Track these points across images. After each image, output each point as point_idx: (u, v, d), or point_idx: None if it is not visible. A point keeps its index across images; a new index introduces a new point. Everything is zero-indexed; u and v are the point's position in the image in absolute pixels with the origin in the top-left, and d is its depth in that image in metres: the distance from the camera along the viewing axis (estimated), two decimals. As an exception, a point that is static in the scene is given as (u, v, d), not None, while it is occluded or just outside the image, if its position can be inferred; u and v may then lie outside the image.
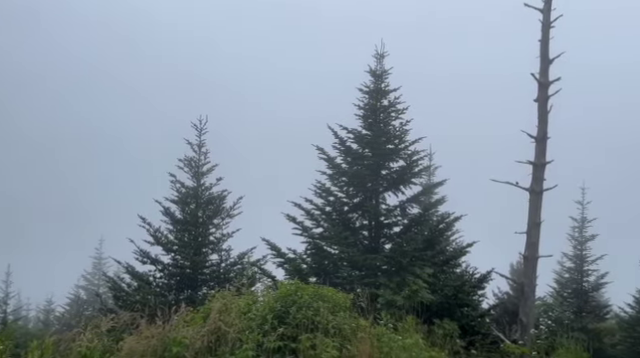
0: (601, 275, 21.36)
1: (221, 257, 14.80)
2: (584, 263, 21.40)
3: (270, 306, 8.11)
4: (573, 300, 21.15)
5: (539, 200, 12.65)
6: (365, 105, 14.72)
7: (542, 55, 12.80)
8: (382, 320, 8.75)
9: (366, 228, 14.44)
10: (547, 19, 12.77)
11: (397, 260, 13.03)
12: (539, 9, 12.83)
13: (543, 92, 12.73)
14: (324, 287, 8.72)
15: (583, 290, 21.14)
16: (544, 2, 12.85)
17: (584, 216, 21.86)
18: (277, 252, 14.00)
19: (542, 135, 12.73)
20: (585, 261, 21.39)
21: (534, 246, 12.58)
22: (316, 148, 14.57)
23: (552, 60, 12.73)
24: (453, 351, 9.88)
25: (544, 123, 12.73)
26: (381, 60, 14.70)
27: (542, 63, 12.78)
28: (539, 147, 12.72)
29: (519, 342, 11.04)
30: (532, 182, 12.69)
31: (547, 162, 12.74)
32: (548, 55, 12.77)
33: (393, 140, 14.41)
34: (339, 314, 7.98)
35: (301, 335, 7.60)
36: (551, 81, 12.71)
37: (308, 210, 14.37)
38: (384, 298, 12.04)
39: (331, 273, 13.44)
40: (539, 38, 12.83)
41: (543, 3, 12.83)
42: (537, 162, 12.70)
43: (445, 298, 13.19)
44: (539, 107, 12.79)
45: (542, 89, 12.74)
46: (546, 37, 12.79)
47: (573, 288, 21.43)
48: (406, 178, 14.36)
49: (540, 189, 12.64)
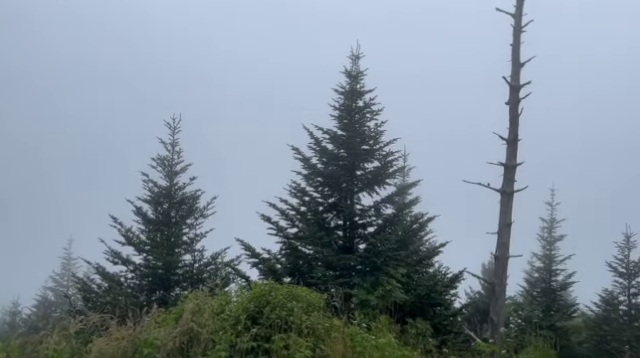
0: (569, 274, 21.90)
1: (194, 257, 14.67)
2: (553, 263, 21.92)
3: (244, 306, 8.06)
4: (542, 299, 21.62)
5: (510, 201, 12.89)
6: (341, 106, 14.79)
7: (513, 59, 13.05)
8: (356, 320, 8.78)
9: (341, 228, 14.49)
10: (518, 24, 13.03)
11: (371, 260, 13.11)
12: (511, 14, 13.09)
13: (514, 95, 12.98)
14: (298, 287, 8.71)
15: (551, 289, 21.64)
16: (515, 7, 13.12)
17: (553, 217, 22.40)
18: (251, 252, 13.93)
19: (513, 137, 12.97)
20: (554, 261, 21.91)
21: (505, 246, 12.81)
22: (291, 148, 14.57)
23: (523, 64, 12.99)
24: (425, 350, 9.99)
25: (515, 125, 12.98)
26: (356, 61, 14.79)
27: (513, 67, 13.03)
28: (510, 149, 12.97)
29: (489, 341, 11.23)
30: (503, 183, 12.92)
31: (518, 164, 12.99)
32: (519, 59, 13.03)
33: (368, 141, 14.51)
34: (313, 314, 7.98)
35: (274, 335, 7.58)
36: (522, 84, 12.97)
37: (283, 210, 14.35)
38: (358, 298, 12.11)
39: (305, 273, 13.44)
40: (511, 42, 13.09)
41: (515, 8, 13.10)
42: (508, 164, 12.93)
43: (418, 298, 13.35)
44: (510, 110, 13.03)
45: (513, 92, 12.99)
46: (517, 41, 13.05)
47: (542, 287, 21.91)
48: (381, 179, 14.47)
49: (511, 190, 12.88)
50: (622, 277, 19.51)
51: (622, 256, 19.70)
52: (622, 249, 19.73)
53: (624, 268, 19.51)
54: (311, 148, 14.69)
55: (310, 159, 14.63)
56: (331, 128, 14.69)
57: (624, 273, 19.48)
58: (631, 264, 19.39)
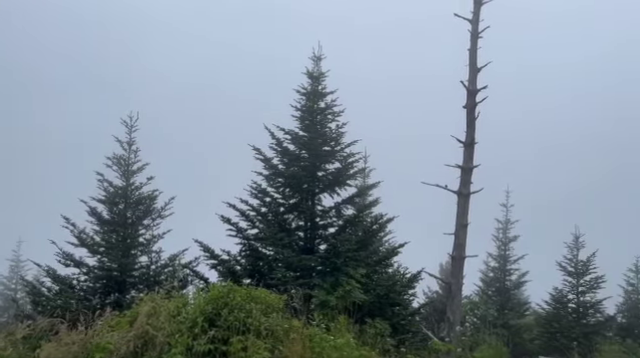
0: (522, 274, 22.68)
1: (151, 259, 14.33)
2: (507, 263, 22.63)
3: (201, 309, 7.93)
4: (496, 298, 22.28)
5: (466, 203, 13.18)
6: (302, 106, 14.79)
7: (471, 64, 13.37)
8: (315, 320, 8.78)
9: (302, 229, 14.47)
10: (475, 29, 13.37)
11: (331, 261, 13.15)
12: (468, 19, 13.42)
13: (471, 99, 13.29)
14: (257, 289, 8.63)
15: (505, 288, 22.32)
16: (473, 13, 13.45)
17: (508, 218, 23.13)
18: (210, 254, 13.72)
19: (470, 140, 13.28)
20: (508, 261, 22.63)
21: (461, 247, 13.08)
22: (253, 148, 14.45)
23: (480, 69, 13.33)
24: (383, 350, 10.09)
25: (472, 129, 13.29)
26: (318, 62, 14.82)
27: (471, 71, 13.35)
28: (467, 152, 13.26)
29: (446, 339, 11.46)
30: (460, 185, 13.20)
31: (474, 166, 13.30)
32: (476, 64, 13.36)
33: (329, 142, 14.56)
34: (272, 315, 7.93)
35: (232, 337, 7.49)
36: (479, 89, 13.31)
37: (243, 211, 14.21)
38: (318, 299, 12.13)
39: (266, 274, 13.35)
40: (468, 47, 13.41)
41: (472, 14, 13.43)
42: (465, 166, 13.22)
43: (377, 298, 13.48)
44: (467, 113, 13.34)
45: (470, 96, 13.30)
46: (474, 46, 13.38)
47: (497, 286, 22.57)
48: (342, 180, 14.54)
49: (467, 192, 13.17)
50: (571, 276, 20.32)
51: (571, 256, 20.53)
52: (571, 249, 20.58)
53: (573, 267, 20.32)
54: (272, 148, 14.62)
55: (271, 159, 14.55)
56: (293, 129, 14.69)
57: (573, 272, 20.28)
58: (579, 263, 20.23)
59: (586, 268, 19.99)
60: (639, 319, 20.78)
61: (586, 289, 19.90)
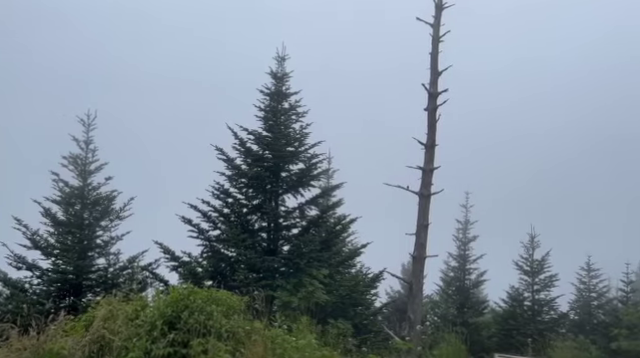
0: (481, 273, 23.26)
1: (109, 261, 13.95)
2: (466, 262, 23.15)
3: (160, 311, 7.76)
4: (456, 297, 22.76)
5: (427, 203, 13.45)
6: (266, 107, 14.73)
7: (432, 67, 13.66)
8: (277, 322, 8.76)
9: (265, 230, 14.41)
10: (437, 34, 13.67)
11: (295, 262, 13.15)
12: (429, 23, 13.69)
13: (432, 102, 13.58)
14: (219, 291, 8.53)
15: (465, 287, 22.84)
16: (434, 18, 13.75)
17: (467, 219, 23.69)
18: (171, 255, 13.49)
19: (431, 142, 13.56)
20: (467, 260, 23.16)
21: (422, 247, 13.33)
22: (215, 148, 14.29)
23: (441, 72, 13.63)
24: (345, 350, 10.15)
25: (433, 131, 13.58)
26: (282, 63, 14.80)
27: (432, 75, 13.63)
28: (428, 153, 13.54)
29: (406, 338, 11.63)
30: (421, 186, 13.46)
31: (435, 167, 13.58)
32: (437, 67, 13.66)
33: (293, 143, 14.55)
34: (233, 317, 7.84)
35: (193, 340, 7.36)
36: (439, 92, 13.60)
37: (205, 212, 14.04)
38: (280, 300, 12.10)
39: (228, 276, 13.24)
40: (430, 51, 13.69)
41: (433, 19, 13.72)
42: (426, 168, 13.49)
43: (340, 298, 13.58)
44: (429, 116, 13.62)
45: (431, 99, 13.58)
46: (435, 50, 13.68)
47: (457, 286, 23.07)
48: (305, 180, 14.55)
49: (428, 193, 13.44)
50: (527, 275, 20.97)
51: (527, 255, 21.19)
52: (527, 248, 21.23)
53: (529, 266, 20.99)
54: (235, 149, 14.51)
55: (234, 160, 14.44)
56: (256, 129, 14.60)
57: (529, 271, 20.95)
58: (535, 262, 20.90)
59: (541, 267, 20.68)
60: (591, 316, 21.66)
61: (541, 287, 20.58)
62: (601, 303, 21.94)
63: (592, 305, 21.77)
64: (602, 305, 21.87)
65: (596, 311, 21.70)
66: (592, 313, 21.54)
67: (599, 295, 22.08)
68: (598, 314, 21.63)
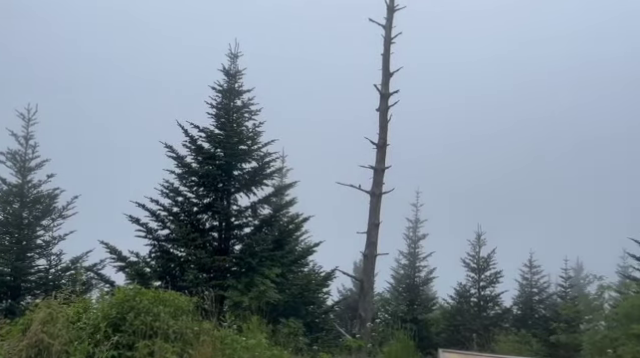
0: (430, 270, 23.85)
1: (50, 262, 13.40)
2: (416, 260, 23.68)
3: (104, 313, 7.50)
4: (406, 294, 23.24)
5: (378, 202, 13.66)
6: (218, 104, 14.51)
7: (384, 68, 13.87)
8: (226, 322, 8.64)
9: (216, 229, 14.19)
10: (388, 35, 13.90)
11: (246, 261, 13.01)
12: (382, 25, 13.90)
13: (384, 102, 13.80)
14: (167, 291, 8.33)
15: (415, 285, 23.36)
16: (386, 19, 13.97)
17: (417, 217, 24.23)
18: (117, 256, 13.05)
19: (382, 142, 13.78)
20: (417, 258, 23.68)
21: (373, 245, 13.54)
22: (164, 146, 13.94)
23: (392, 73, 13.87)
24: (297, 349, 10.15)
25: (384, 131, 13.80)
26: (235, 60, 14.62)
27: (384, 76, 13.85)
28: (379, 153, 13.75)
29: (357, 336, 11.76)
30: (373, 185, 13.65)
31: (386, 167, 13.81)
32: (389, 68, 13.88)
33: (246, 141, 14.39)
34: (181, 318, 7.67)
35: (138, 342, 7.15)
36: (391, 92, 13.83)
37: (154, 211, 13.66)
38: (231, 300, 11.96)
39: (177, 276, 12.95)
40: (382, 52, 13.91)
41: (385, 20, 13.95)
42: (377, 167, 13.70)
43: (292, 297, 13.55)
44: (380, 116, 13.83)
45: (383, 99, 13.80)
46: (387, 51, 13.90)
47: (407, 283, 23.55)
48: (258, 179, 14.42)
49: (379, 192, 13.66)
50: (473, 272, 21.68)
51: (474, 253, 21.89)
52: (474, 246, 21.94)
53: (475, 263, 21.69)
54: (186, 146, 14.20)
55: (184, 158, 14.13)
56: (208, 126, 14.36)
57: (475, 268, 21.65)
58: (481, 260, 21.63)
59: (487, 264, 21.43)
60: (532, 311, 22.62)
61: (486, 284, 21.33)
62: (542, 298, 22.95)
63: (533, 300, 22.73)
64: (543, 300, 22.88)
65: (537, 306, 22.67)
66: (533, 308, 22.49)
67: (540, 290, 23.09)
68: (539, 309, 22.61)
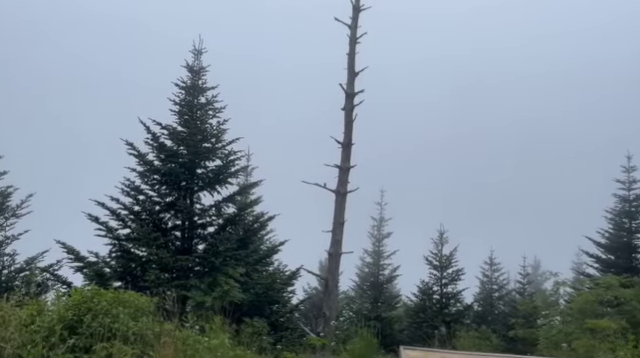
0: (394, 268, 24.14)
1: (3, 263, 12.85)
2: (381, 258, 23.93)
3: (60, 315, 7.25)
4: (371, 292, 23.46)
5: (343, 201, 13.72)
6: (181, 101, 14.28)
7: (349, 68, 13.93)
8: (189, 323, 8.50)
9: (178, 228, 13.96)
10: (354, 35, 13.96)
11: (210, 261, 12.86)
12: (347, 24, 13.95)
13: (349, 102, 13.86)
14: (127, 292, 8.13)
15: (379, 282, 23.60)
16: (351, 19, 14.03)
17: (382, 216, 24.49)
18: (75, 256, 12.67)
19: (347, 141, 13.84)
20: (381, 256, 23.94)
21: (338, 243, 13.58)
22: (125, 143, 13.62)
23: (357, 73, 13.94)
24: (261, 348, 10.09)
25: (349, 130, 13.87)
26: (199, 56, 14.41)
27: (349, 75, 13.91)
28: (344, 152, 13.81)
29: (321, 334, 11.79)
30: (338, 184, 13.70)
31: (351, 166, 13.88)
32: (354, 68, 13.95)
33: (210, 139, 14.22)
34: (141, 319, 7.50)
35: (96, 345, 6.95)
36: (356, 92, 13.90)
37: (114, 210, 13.33)
38: (194, 300, 11.79)
39: (138, 276, 12.69)
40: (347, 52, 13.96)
41: (351, 20, 14.00)
42: (343, 166, 13.75)
43: (256, 296, 13.48)
44: (345, 115, 13.88)
45: (348, 99, 13.86)
46: (353, 51, 13.97)
47: (371, 281, 23.77)
48: (222, 178, 14.27)
49: (345, 191, 13.72)
50: (436, 269, 22.05)
51: (436, 251, 22.28)
52: (437, 244, 22.32)
53: (438, 261, 22.08)
54: (148, 144, 13.92)
55: (146, 155, 13.85)
56: (170, 123, 14.11)
57: (438, 266, 22.04)
58: (443, 258, 22.03)
59: (449, 262, 21.85)
60: (492, 307, 23.22)
61: (448, 281, 21.74)
62: (501, 295, 23.57)
63: (493, 297, 23.32)
64: (502, 296, 23.50)
65: (497, 302, 23.28)
66: (493, 304, 23.08)
67: (500, 287, 23.71)
68: (499, 305, 23.22)
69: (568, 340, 11.89)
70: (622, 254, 19.65)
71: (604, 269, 19.63)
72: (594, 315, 12.82)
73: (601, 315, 12.85)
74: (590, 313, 13.01)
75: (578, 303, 13.93)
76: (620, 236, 19.87)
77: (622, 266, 19.03)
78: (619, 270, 18.22)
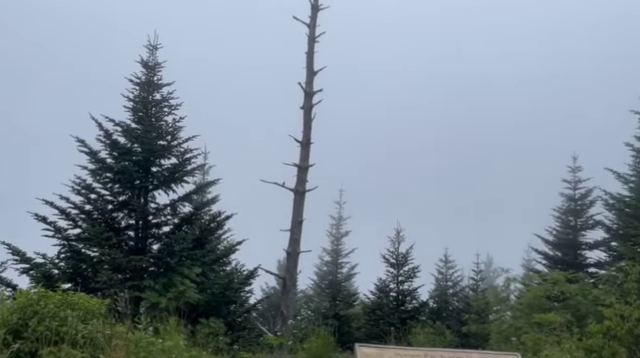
0: (352, 266, 24.36)
1: (-58, 266, 12.13)
2: (339, 256, 24.10)
3: (3, 319, 6.95)
4: (329, 290, 23.57)
5: (302, 200, 13.74)
6: (135, 97, 13.92)
7: (308, 67, 13.96)
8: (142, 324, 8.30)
9: (132, 228, 13.63)
10: (312, 34, 14.00)
11: (165, 261, 12.60)
12: (306, 23, 13.97)
13: (308, 101, 13.89)
14: (76, 294, 7.86)
15: (337, 281, 23.75)
16: (310, 18, 14.06)
17: (341, 214, 24.67)
18: (21, 257, 12.14)
19: (306, 140, 13.86)
20: (340, 255, 24.11)
21: (296, 242, 13.60)
22: (76, 139, 13.16)
23: (316, 72, 13.99)
24: (217, 349, 9.97)
25: (308, 129, 13.90)
26: (154, 52, 14.08)
27: (308, 74, 13.94)
28: (303, 151, 13.83)
29: (278, 333, 11.76)
30: (296, 183, 13.71)
31: (310, 165, 13.91)
32: (313, 67, 13.99)
33: (165, 136, 13.94)
34: (91, 322, 7.27)
35: (42, 349, 6.68)
36: (315, 91, 13.95)
37: (63, 209, 12.85)
38: (148, 301, 11.53)
39: (89, 278, 12.31)
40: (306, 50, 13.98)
41: (309, 19, 14.03)
42: (301, 165, 13.77)
43: (213, 296, 13.30)
44: (304, 114, 13.90)
45: (307, 98, 13.89)
46: (311, 50, 14.01)
47: (329, 279, 23.89)
48: (178, 176, 14.01)
49: (303, 190, 13.74)
50: (393, 267, 22.38)
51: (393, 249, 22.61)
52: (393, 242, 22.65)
53: (394, 259, 22.41)
54: (100, 141, 13.51)
55: (98, 153, 13.43)
56: (124, 120, 13.73)
57: (394, 263, 22.36)
58: (400, 255, 22.37)
59: (405, 259, 22.19)
60: (447, 303, 23.76)
61: (404, 278, 22.08)
62: (456, 291, 24.17)
63: (448, 293, 23.88)
64: (456, 293, 24.10)
65: (451, 299, 23.83)
66: (448, 301, 23.61)
67: (454, 284, 24.30)
68: (453, 301, 23.78)
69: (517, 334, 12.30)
70: (568, 251, 20.53)
71: (552, 265, 20.45)
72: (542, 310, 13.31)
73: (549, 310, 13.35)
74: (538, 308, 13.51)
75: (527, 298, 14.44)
76: (567, 233, 20.76)
77: (568, 262, 19.89)
78: (565, 266, 19.04)
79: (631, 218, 16.29)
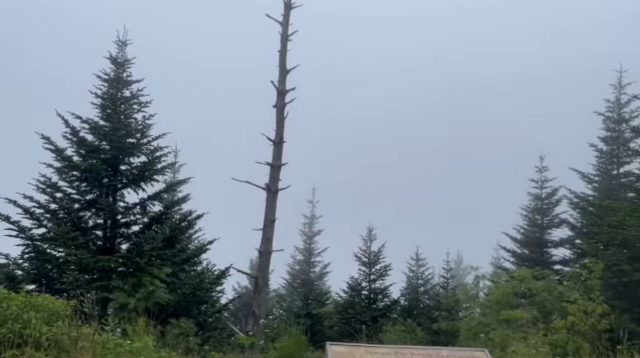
0: (325, 265, 24.41)
1: None
2: (312, 255, 24.12)
3: (-37, 323, 6.69)
4: (301, 289, 23.57)
5: (274, 199, 13.66)
6: (104, 94, 13.62)
7: (280, 65, 13.89)
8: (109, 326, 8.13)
9: (100, 227, 13.35)
10: (285, 32, 13.94)
11: (134, 261, 12.38)
12: (279, 21, 13.90)
13: (281, 99, 13.82)
14: (40, 295, 7.65)
15: (310, 280, 23.76)
16: (283, 16, 13.99)
17: (313, 213, 24.69)
18: (-19, 258, 11.73)
19: (279, 139, 13.79)
20: (312, 254, 24.13)
21: (269, 241, 13.51)
22: (41, 137, 12.79)
23: (289, 70, 13.93)
24: (187, 349, 9.84)
25: (281, 128, 13.83)
26: (123, 48, 13.80)
27: (280, 73, 13.87)
28: (276, 150, 13.75)
29: (250, 333, 11.69)
30: (269, 182, 13.63)
31: (283, 164, 13.85)
32: (286, 65, 13.93)
33: (135, 134, 13.69)
34: (57, 324, 7.09)
35: (5, 353, 6.48)
36: (288, 89, 13.89)
37: (27, 208, 12.48)
38: (117, 301, 11.31)
39: (55, 279, 12.03)
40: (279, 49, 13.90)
41: (282, 17, 13.96)
42: (274, 163, 13.69)
43: (183, 297, 13.14)
44: (277, 113, 13.83)
45: (280, 96, 13.82)
46: (284, 48, 13.94)
47: (302, 278, 23.89)
48: (148, 175, 13.78)
49: (276, 188, 13.66)
50: (365, 266, 22.53)
51: (365, 247, 22.76)
52: (365, 241, 22.81)
53: (366, 258, 22.57)
54: (66, 138, 13.18)
55: (65, 150, 13.09)
56: (92, 117, 13.43)
57: (366, 262, 22.53)
58: (372, 254, 22.54)
59: (377, 258, 22.37)
60: (417, 301, 24.03)
61: (376, 277, 22.26)
62: (426, 289, 24.48)
63: (419, 291, 24.16)
64: (427, 291, 24.42)
65: (422, 296, 24.11)
66: (419, 298, 23.89)
67: (425, 282, 24.60)
68: (424, 299, 24.07)
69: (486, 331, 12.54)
70: (535, 248, 21.10)
71: (519, 263, 20.97)
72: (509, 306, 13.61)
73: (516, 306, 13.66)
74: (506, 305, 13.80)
75: (495, 295, 14.72)
76: (533, 232, 21.32)
77: (535, 260, 20.44)
78: (532, 263, 19.56)
79: (594, 216, 16.82)
